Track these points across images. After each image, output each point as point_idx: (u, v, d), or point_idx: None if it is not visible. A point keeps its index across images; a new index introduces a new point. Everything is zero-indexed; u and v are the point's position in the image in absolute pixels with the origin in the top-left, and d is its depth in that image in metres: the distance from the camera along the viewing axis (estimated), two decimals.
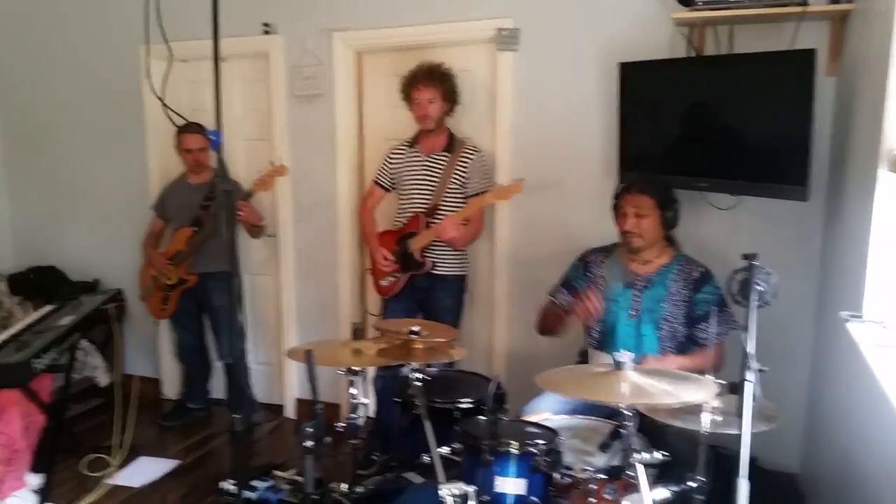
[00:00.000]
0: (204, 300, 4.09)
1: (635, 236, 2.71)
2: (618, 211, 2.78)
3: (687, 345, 2.76)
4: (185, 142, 3.96)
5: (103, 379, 4.31)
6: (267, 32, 4.04)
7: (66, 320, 3.53)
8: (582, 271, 2.93)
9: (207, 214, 3.94)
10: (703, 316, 2.68)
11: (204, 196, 3.98)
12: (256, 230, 3.96)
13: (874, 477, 1.98)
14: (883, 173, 2.11)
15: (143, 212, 4.34)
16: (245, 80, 4.24)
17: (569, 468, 2.07)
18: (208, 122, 3.95)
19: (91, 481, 3.48)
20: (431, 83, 3.37)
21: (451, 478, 2.02)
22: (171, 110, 2.35)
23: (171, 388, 4.64)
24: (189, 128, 3.89)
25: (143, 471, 3.61)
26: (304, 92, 4.02)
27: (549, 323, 2.95)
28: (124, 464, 3.59)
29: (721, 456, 2.44)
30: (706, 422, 1.94)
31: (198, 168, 4.04)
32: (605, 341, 2.79)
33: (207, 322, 4.23)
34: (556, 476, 2.05)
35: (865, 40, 2.56)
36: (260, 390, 4.38)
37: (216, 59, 2.17)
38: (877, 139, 2.14)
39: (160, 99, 2.34)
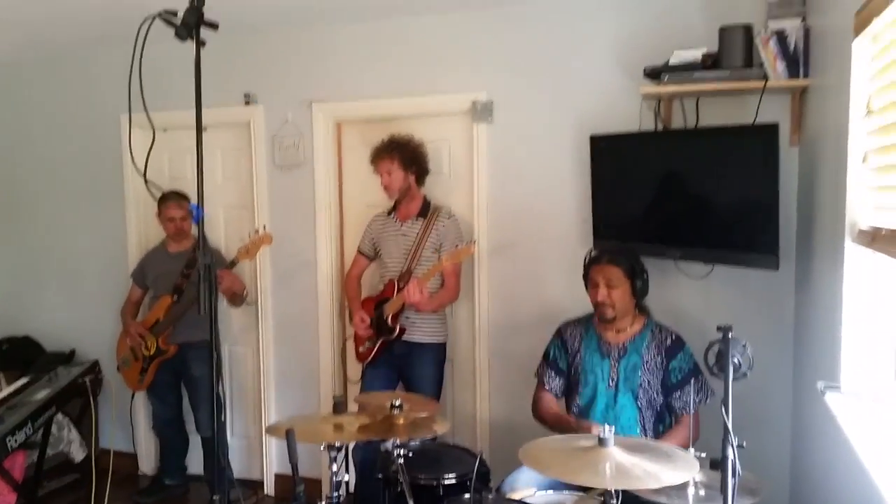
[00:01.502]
0: (182, 371, 4.04)
1: (607, 307, 2.75)
2: (589, 282, 2.83)
3: (664, 413, 2.78)
4: (168, 211, 3.97)
5: (78, 454, 4.21)
6: (248, 103, 4.11)
7: (42, 394, 3.49)
8: (561, 348, 2.96)
9: (188, 283, 3.93)
10: (677, 384, 2.71)
11: (184, 264, 3.97)
12: (237, 298, 3.95)
13: None
14: (849, 245, 2.17)
15: (121, 280, 4.33)
16: (225, 149, 4.30)
17: None
18: (189, 190, 3.99)
19: None
20: (388, 155, 3.46)
21: None
22: (153, 185, 2.37)
23: (148, 463, 4.56)
24: (172, 196, 3.91)
25: None
26: (285, 161, 4.08)
27: (553, 425, 2.89)
28: None
29: None
30: (691, 498, 1.95)
31: (179, 237, 4.05)
32: (586, 413, 2.80)
33: (185, 394, 4.17)
34: None
35: (823, 113, 2.66)
36: (238, 465, 4.30)
37: (199, 130, 2.20)
38: (840, 211, 2.20)
39: (143, 176, 2.36)
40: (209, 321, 2.31)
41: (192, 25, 2.10)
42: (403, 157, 3.47)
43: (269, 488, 4.28)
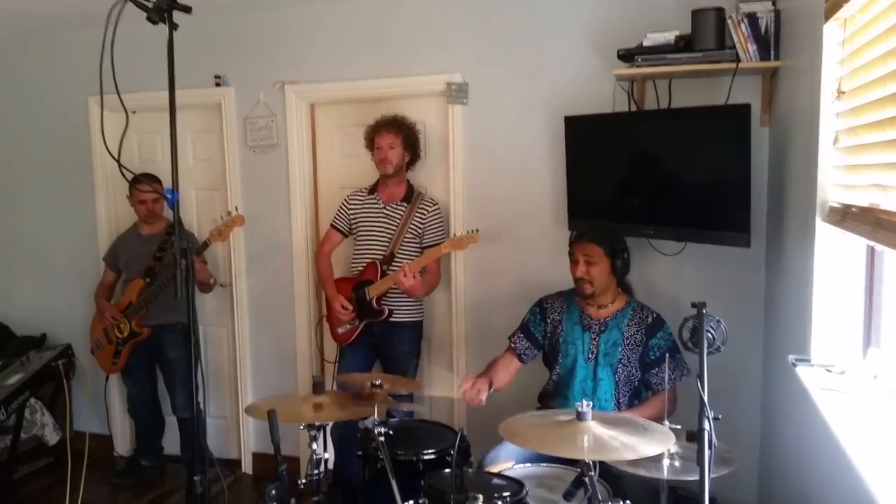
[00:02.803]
0: (157, 353, 4.02)
1: (586, 282, 2.80)
2: (571, 258, 2.88)
3: (641, 389, 2.84)
4: (139, 193, 3.92)
5: (52, 437, 4.17)
6: (218, 84, 4.06)
7: (14, 379, 3.46)
8: (539, 317, 3.00)
9: (161, 265, 3.89)
10: (656, 361, 2.77)
11: (157, 247, 3.94)
12: (206, 287, 3.93)
13: None
14: (819, 223, 2.22)
15: (91, 264, 4.29)
16: (196, 131, 4.25)
17: None
18: (159, 172, 3.92)
19: None
20: (394, 130, 3.49)
21: None
22: (125, 168, 2.34)
23: (123, 444, 4.54)
24: (143, 179, 3.86)
25: None
26: (258, 143, 4.05)
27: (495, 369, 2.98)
28: None
29: (681, 497, 2.52)
30: (666, 469, 2.01)
31: (151, 219, 4.01)
32: (564, 383, 2.86)
33: (160, 376, 4.15)
34: None
35: (794, 95, 2.71)
36: (215, 445, 4.28)
37: (172, 113, 2.17)
38: (811, 190, 2.26)
39: (117, 160, 2.33)
40: (187, 305, 2.31)
41: (164, 9, 2.08)
42: (406, 135, 3.51)
43: (246, 467, 4.30)
